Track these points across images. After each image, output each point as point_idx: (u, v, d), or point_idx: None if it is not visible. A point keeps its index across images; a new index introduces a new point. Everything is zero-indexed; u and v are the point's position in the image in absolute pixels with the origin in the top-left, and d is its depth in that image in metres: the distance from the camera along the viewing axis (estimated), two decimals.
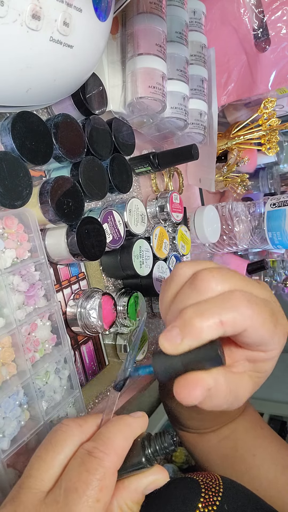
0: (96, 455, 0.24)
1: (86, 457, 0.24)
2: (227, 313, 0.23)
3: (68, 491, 0.23)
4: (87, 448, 0.25)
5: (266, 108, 0.72)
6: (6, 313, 0.33)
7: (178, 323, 0.24)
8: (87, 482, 0.23)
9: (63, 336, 0.38)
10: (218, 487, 0.36)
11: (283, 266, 1.06)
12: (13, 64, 0.27)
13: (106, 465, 0.24)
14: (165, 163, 0.55)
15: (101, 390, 0.48)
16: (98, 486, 0.23)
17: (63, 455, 0.25)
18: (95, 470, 0.23)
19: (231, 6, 0.64)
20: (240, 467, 0.44)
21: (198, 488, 0.36)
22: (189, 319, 0.24)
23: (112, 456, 0.24)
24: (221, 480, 0.37)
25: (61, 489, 0.23)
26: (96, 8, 0.31)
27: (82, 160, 0.40)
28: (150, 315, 0.59)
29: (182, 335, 0.24)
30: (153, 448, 0.26)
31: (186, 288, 0.26)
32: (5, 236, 0.34)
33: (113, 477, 0.24)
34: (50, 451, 0.25)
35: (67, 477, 0.24)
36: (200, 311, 0.24)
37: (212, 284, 0.25)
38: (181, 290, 0.27)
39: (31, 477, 0.25)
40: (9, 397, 0.32)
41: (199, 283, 0.25)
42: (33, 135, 0.34)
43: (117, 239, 0.46)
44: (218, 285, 0.25)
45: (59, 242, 0.39)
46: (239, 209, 0.74)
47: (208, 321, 0.23)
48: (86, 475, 0.23)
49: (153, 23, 0.46)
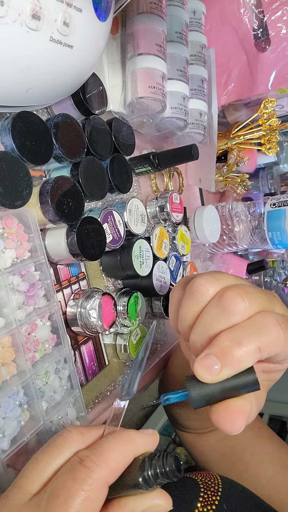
0: (86, 464, 0.23)
1: (76, 465, 0.23)
2: (264, 339, 0.23)
3: (50, 497, 0.22)
4: (80, 456, 0.24)
5: (266, 108, 0.72)
6: (6, 313, 0.33)
7: (214, 351, 0.23)
8: (70, 491, 0.22)
9: (63, 336, 0.38)
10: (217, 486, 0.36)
11: (283, 266, 1.06)
12: (13, 64, 0.27)
13: (95, 476, 0.22)
14: (165, 163, 0.55)
15: (101, 390, 0.48)
16: (82, 496, 0.21)
17: (59, 460, 0.24)
18: (81, 480, 0.22)
19: (231, 6, 0.64)
20: (238, 466, 0.44)
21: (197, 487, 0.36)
22: (227, 348, 0.23)
23: (103, 469, 0.23)
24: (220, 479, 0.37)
25: (45, 494, 0.22)
26: (96, 8, 0.31)
27: (82, 160, 0.40)
28: (150, 315, 0.59)
29: (221, 364, 0.23)
30: (154, 471, 0.23)
31: (213, 308, 0.26)
32: (5, 236, 0.34)
33: (101, 490, 0.22)
34: (46, 455, 0.25)
35: (54, 482, 0.23)
36: (238, 339, 0.23)
37: (241, 305, 0.24)
38: (207, 310, 0.26)
39: (23, 477, 0.24)
40: (9, 397, 0.32)
41: (227, 304, 0.25)
42: (33, 135, 0.34)
43: (117, 239, 0.46)
44: (246, 306, 0.24)
45: (59, 242, 0.39)
46: (239, 209, 0.74)
47: (247, 349, 0.23)
48: (71, 483, 0.22)
49: (153, 23, 0.46)
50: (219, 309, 0.25)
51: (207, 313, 0.26)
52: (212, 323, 0.25)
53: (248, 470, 0.43)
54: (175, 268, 0.59)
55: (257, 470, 0.43)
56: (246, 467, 0.44)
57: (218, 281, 0.26)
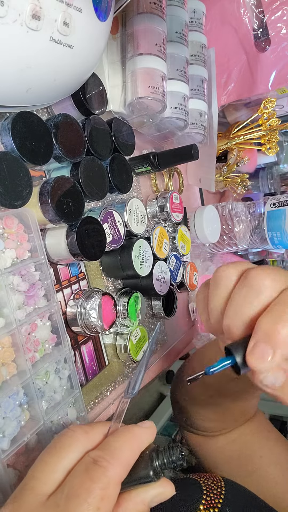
0: (101, 464, 0.24)
1: (91, 465, 0.24)
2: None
3: (70, 497, 0.23)
4: (93, 456, 0.25)
5: (266, 108, 0.72)
6: (6, 313, 0.33)
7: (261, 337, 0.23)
8: (89, 490, 0.23)
9: (63, 336, 0.38)
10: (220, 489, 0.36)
11: (283, 266, 1.06)
12: (13, 64, 0.27)
13: (110, 475, 0.24)
14: (165, 163, 0.55)
15: (101, 390, 0.48)
16: (100, 495, 0.23)
17: (67, 460, 0.25)
18: (98, 479, 0.23)
19: (231, 6, 0.64)
20: (246, 468, 0.44)
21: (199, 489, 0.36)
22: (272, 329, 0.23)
23: (117, 467, 0.24)
24: (223, 482, 0.37)
25: (63, 494, 0.23)
26: (96, 8, 0.31)
27: (82, 160, 0.40)
28: (149, 315, 0.59)
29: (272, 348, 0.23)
30: (161, 461, 0.26)
31: (240, 289, 0.26)
32: (5, 236, 0.34)
33: (117, 487, 0.24)
34: (55, 455, 0.25)
35: (70, 482, 0.24)
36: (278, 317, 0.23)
37: (266, 281, 0.25)
38: (235, 292, 0.26)
39: (34, 478, 0.25)
40: (9, 397, 0.32)
41: (254, 282, 0.25)
42: (33, 135, 0.34)
43: (117, 239, 0.46)
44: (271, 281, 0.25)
45: (59, 242, 0.39)
46: (239, 209, 0.74)
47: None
48: (89, 483, 0.23)
49: (153, 23, 0.46)
50: (247, 288, 0.25)
51: (236, 294, 0.26)
52: (243, 303, 0.25)
53: (256, 471, 0.43)
54: (175, 268, 0.59)
55: (265, 472, 0.43)
56: (254, 469, 0.44)
57: (238, 265, 0.27)
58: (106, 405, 0.48)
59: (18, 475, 0.33)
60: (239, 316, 0.25)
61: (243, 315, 0.25)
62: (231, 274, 0.27)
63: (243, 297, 0.25)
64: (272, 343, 0.23)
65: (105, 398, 0.49)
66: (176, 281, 0.60)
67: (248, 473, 0.44)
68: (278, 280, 0.25)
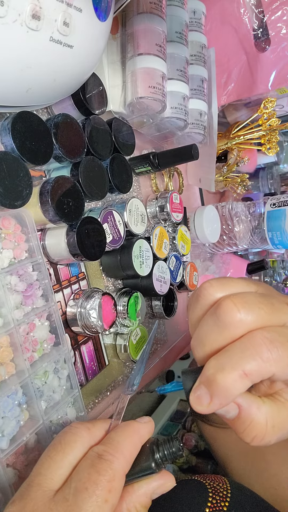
0: (106, 457, 0.25)
1: (96, 459, 0.25)
2: (249, 363, 0.21)
3: (78, 490, 0.24)
4: (97, 451, 0.26)
5: (266, 108, 0.72)
6: (4, 312, 0.33)
7: (203, 380, 0.23)
8: (96, 483, 0.24)
9: (62, 336, 0.38)
10: (225, 491, 0.36)
11: (283, 266, 1.06)
12: (13, 64, 0.27)
13: (116, 467, 0.25)
14: (165, 163, 0.55)
15: (101, 390, 0.48)
16: (107, 487, 0.24)
17: (72, 455, 0.26)
18: (104, 472, 0.24)
19: (231, 6, 0.64)
20: (260, 464, 0.44)
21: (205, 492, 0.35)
22: (212, 376, 0.22)
23: (121, 460, 0.25)
24: (228, 484, 0.37)
25: (71, 488, 0.24)
26: (96, 8, 0.31)
27: (82, 160, 0.40)
28: (150, 315, 0.59)
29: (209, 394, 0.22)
30: (162, 453, 0.28)
31: (209, 317, 0.24)
32: (2, 237, 0.34)
33: (122, 480, 0.25)
34: (60, 451, 0.26)
35: (77, 477, 0.25)
36: (221, 365, 0.22)
37: (235, 317, 0.23)
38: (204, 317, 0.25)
39: (40, 475, 0.25)
40: (8, 397, 0.32)
41: (221, 315, 0.23)
42: (33, 135, 0.34)
43: (117, 239, 0.46)
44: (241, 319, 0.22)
45: (59, 242, 0.39)
46: (239, 209, 0.74)
47: (231, 375, 0.21)
48: (96, 476, 0.24)
49: (153, 23, 0.46)
50: (214, 318, 0.24)
51: (205, 321, 0.25)
52: (206, 332, 0.24)
53: (269, 469, 0.43)
54: (175, 268, 0.59)
55: (278, 470, 0.43)
56: (267, 466, 0.43)
57: (222, 286, 0.25)
58: (106, 405, 0.49)
59: (17, 475, 0.33)
60: (200, 345, 0.24)
61: (205, 344, 0.24)
62: (209, 296, 0.25)
63: (209, 327, 0.24)
64: (210, 390, 0.22)
65: (105, 398, 0.49)
66: (176, 281, 0.60)
67: (260, 471, 0.43)
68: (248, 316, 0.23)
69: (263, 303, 0.23)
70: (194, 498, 0.35)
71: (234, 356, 0.22)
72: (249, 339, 0.22)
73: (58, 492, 0.24)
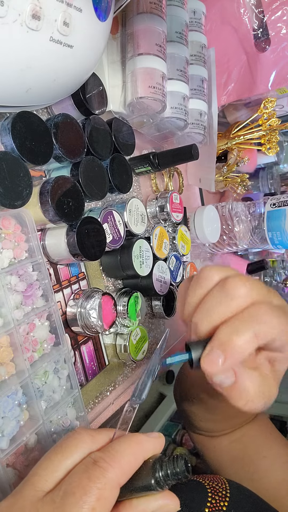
0: (100, 465, 0.24)
1: (91, 465, 0.24)
2: (259, 325, 0.25)
3: (66, 494, 0.23)
4: (94, 457, 0.25)
5: (266, 108, 0.72)
6: (4, 312, 0.33)
7: (216, 344, 0.26)
8: (85, 489, 0.23)
9: (62, 336, 0.38)
10: (224, 491, 0.36)
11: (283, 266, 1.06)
12: (13, 64, 0.27)
13: (109, 476, 0.24)
14: (165, 163, 0.55)
15: (101, 390, 0.48)
16: (96, 494, 0.23)
17: (71, 460, 0.26)
18: (96, 479, 0.23)
19: (231, 6, 0.64)
20: (249, 468, 0.44)
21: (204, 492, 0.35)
22: (227, 338, 0.25)
23: (116, 470, 0.24)
24: (227, 484, 0.37)
25: (60, 491, 0.24)
26: (96, 8, 0.31)
27: (82, 160, 0.40)
28: (149, 315, 0.59)
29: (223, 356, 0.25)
30: (165, 472, 0.25)
31: (216, 292, 0.28)
32: (2, 237, 0.34)
33: (114, 490, 0.24)
34: (59, 454, 0.26)
35: (68, 480, 0.24)
36: (235, 329, 0.25)
37: (242, 290, 0.27)
38: (211, 293, 0.28)
39: (36, 475, 0.25)
40: (8, 397, 0.32)
41: (230, 289, 0.27)
42: (33, 135, 0.34)
43: (117, 239, 0.46)
44: (247, 292, 0.27)
45: (59, 242, 0.39)
46: (239, 209, 0.74)
47: (245, 336, 0.25)
48: (86, 482, 0.23)
49: (153, 23, 0.46)
50: (223, 292, 0.27)
51: (211, 296, 0.28)
52: (214, 306, 0.27)
53: (258, 472, 0.43)
54: (175, 268, 0.59)
55: (269, 472, 0.43)
56: (256, 469, 0.44)
57: (222, 270, 0.29)
58: (106, 405, 0.48)
59: (17, 475, 0.33)
60: (207, 318, 0.27)
61: (211, 317, 0.27)
62: (213, 277, 0.29)
63: (216, 301, 0.27)
64: (225, 352, 0.25)
65: (105, 398, 0.49)
66: (176, 281, 0.60)
67: (251, 474, 0.43)
68: (253, 290, 0.27)
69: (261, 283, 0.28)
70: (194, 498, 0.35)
71: (245, 321, 0.26)
72: (256, 308, 0.26)
73: (48, 494, 0.24)
